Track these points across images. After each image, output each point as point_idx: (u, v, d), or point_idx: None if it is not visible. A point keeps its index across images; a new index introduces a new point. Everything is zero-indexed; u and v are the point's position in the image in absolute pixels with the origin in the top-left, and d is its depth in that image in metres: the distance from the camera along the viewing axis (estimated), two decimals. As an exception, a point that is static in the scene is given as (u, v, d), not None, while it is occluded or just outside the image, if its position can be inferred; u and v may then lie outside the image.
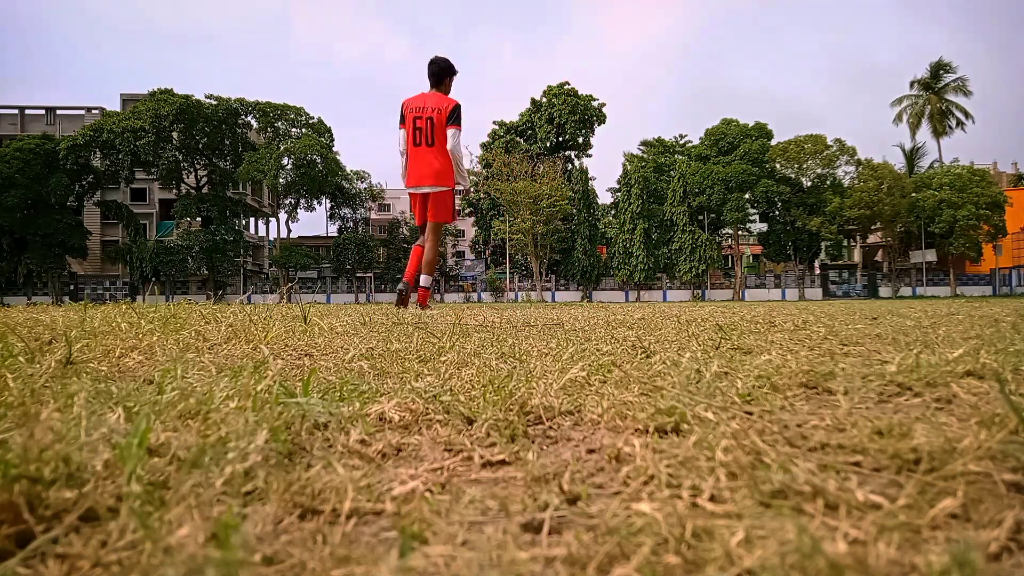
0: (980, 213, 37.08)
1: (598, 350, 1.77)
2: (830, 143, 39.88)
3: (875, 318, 3.48)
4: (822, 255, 43.07)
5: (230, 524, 0.49)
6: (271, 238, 51.63)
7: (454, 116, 6.18)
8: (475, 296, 46.59)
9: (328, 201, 45.88)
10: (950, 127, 45.33)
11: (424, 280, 6.31)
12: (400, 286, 6.08)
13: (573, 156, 47.21)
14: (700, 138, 43.62)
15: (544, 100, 46.30)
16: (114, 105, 46.21)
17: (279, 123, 42.50)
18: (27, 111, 47.30)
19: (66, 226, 39.47)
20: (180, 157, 41.10)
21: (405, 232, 47.38)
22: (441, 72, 6.28)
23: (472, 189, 6.61)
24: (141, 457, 0.63)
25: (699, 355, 1.54)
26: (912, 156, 44.96)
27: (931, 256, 41.62)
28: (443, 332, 2.40)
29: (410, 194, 6.58)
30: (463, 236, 54.60)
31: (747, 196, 40.95)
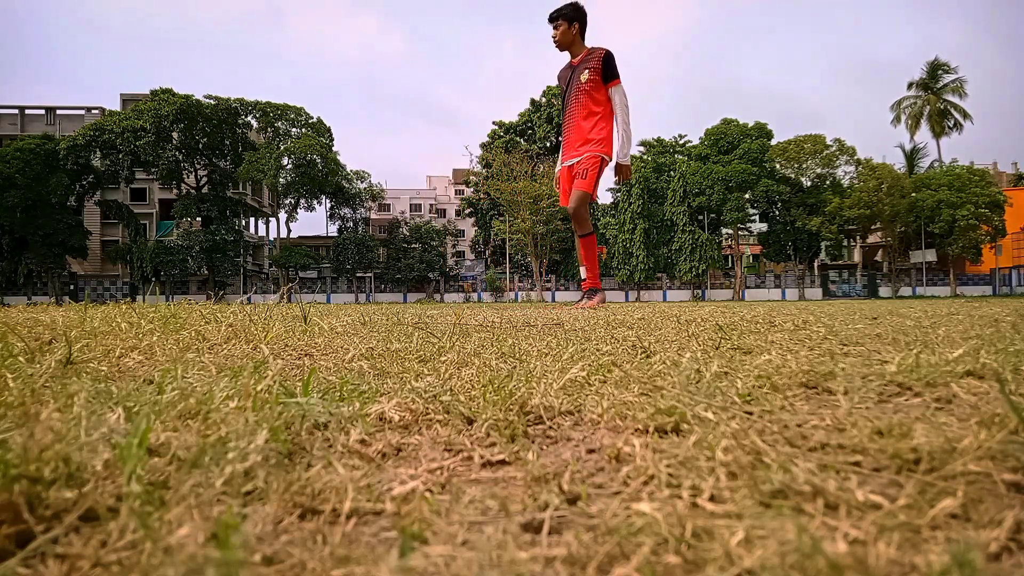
0: (980, 213, 37.09)
1: (598, 350, 1.77)
2: (829, 143, 39.92)
3: (875, 318, 3.48)
4: (822, 255, 43.10)
5: (230, 524, 0.49)
6: (271, 238, 51.65)
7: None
8: (475, 296, 46.59)
9: (328, 201, 45.90)
10: (949, 127, 45.37)
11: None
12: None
13: (573, 156, 47.17)
14: (700, 138, 43.65)
15: (544, 100, 46.31)
16: (114, 105, 46.25)
17: (279, 123, 42.53)
18: (27, 111, 47.30)
19: (66, 226, 39.49)
20: (180, 157, 41.11)
21: (405, 232, 47.39)
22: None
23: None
24: (141, 457, 0.63)
25: (699, 355, 1.54)
26: (912, 156, 44.99)
27: (931, 256, 41.64)
28: (443, 332, 2.40)
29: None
30: (463, 236, 54.62)
31: (747, 196, 40.97)
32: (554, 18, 5.40)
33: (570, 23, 5.41)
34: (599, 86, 5.40)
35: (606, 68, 5.36)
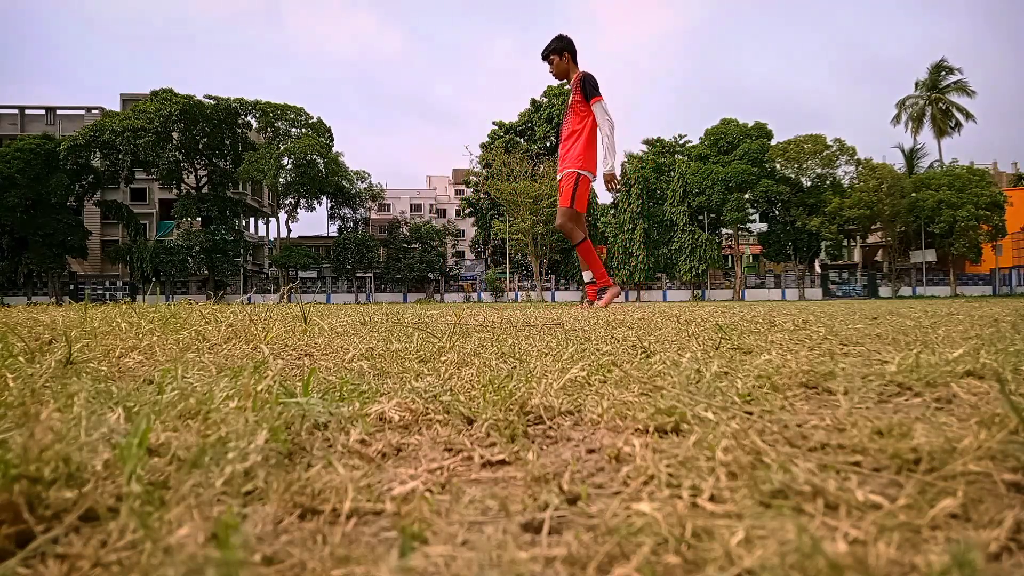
0: (980, 213, 37.07)
1: (598, 350, 1.77)
2: (830, 143, 39.89)
3: (875, 318, 3.48)
4: (822, 255, 43.07)
5: (230, 524, 0.49)
6: (271, 238, 51.65)
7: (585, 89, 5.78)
8: (475, 296, 46.58)
9: (328, 201, 45.89)
10: (951, 127, 45.36)
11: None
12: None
13: (573, 156, 47.16)
14: (700, 138, 43.63)
15: (544, 100, 46.32)
16: (114, 105, 46.25)
17: (279, 123, 42.49)
18: (27, 111, 47.30)
19: (66, 226, 39.48)
20: (180, 157, 41.08)
21: (405, 232, 47.37)
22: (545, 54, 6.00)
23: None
24: (141, 457, 0.63)
25: (699, 355, 1.54)
26: (912, 156, 44.95)
27: (931, 256, 41.61)
28: (443, 332, 2.40)
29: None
30: (463, 236, 54.62)
31: (747, 196, 40.94)
32: (545, 56, 6.01)
33: (560, 55, 6.05)
34: (581, 105, 5.90)
35: (584, 89, 5.84)
